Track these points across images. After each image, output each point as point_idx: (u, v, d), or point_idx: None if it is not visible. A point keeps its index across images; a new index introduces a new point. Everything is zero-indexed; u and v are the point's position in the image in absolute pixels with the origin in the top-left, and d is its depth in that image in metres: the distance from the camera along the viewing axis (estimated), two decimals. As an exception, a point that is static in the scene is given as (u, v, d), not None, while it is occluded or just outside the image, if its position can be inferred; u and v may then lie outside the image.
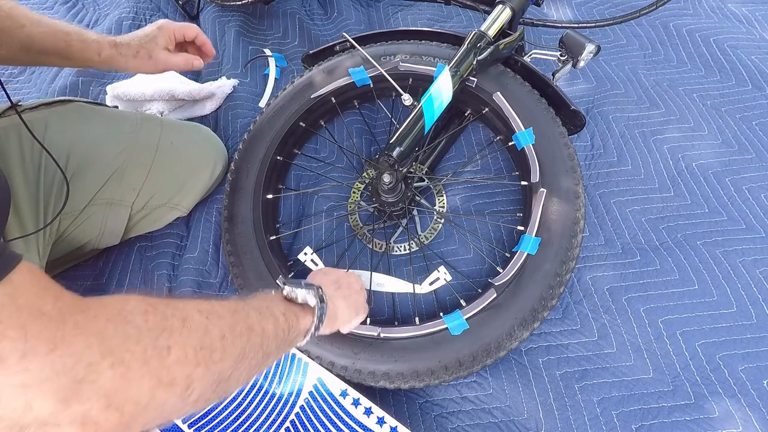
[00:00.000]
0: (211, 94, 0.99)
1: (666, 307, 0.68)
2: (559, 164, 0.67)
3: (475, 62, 0.68)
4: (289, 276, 0.72)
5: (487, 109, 0.75)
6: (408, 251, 0.78)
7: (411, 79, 0.78)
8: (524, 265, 0.63)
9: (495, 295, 0.63)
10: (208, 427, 0.65)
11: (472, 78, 0.72)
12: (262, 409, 0.65)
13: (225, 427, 0.64)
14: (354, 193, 0.85)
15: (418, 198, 0.80)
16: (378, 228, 0.80)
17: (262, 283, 0.70)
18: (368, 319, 0.67)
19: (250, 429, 0.64)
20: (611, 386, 0.64)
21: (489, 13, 0.70)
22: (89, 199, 0.72)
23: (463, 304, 0.64)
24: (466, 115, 0.81)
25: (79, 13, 1.31)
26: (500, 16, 0.69)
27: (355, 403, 0.63)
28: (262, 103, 1.00)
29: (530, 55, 0.76)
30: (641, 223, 0.76)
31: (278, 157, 0.81)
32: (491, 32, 0.68)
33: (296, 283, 0.51)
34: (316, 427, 0.62)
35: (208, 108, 1.00)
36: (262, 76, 1.05)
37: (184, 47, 0.75)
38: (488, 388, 0.66)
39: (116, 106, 0.89)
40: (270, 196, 0.79)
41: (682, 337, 0.66)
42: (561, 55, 0.70)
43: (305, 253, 0.78)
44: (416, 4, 1.12)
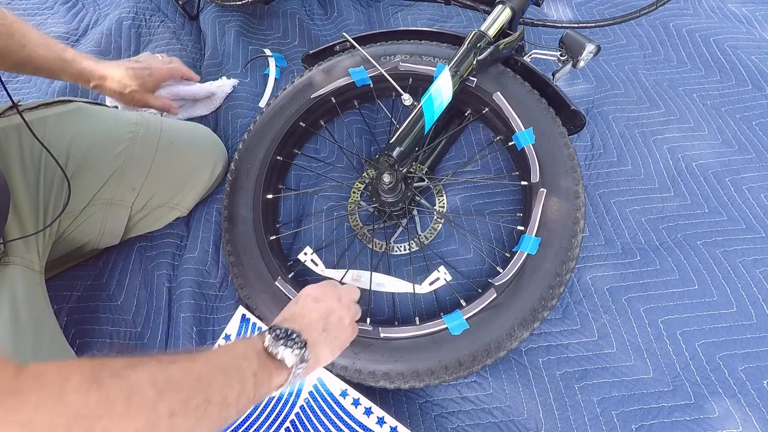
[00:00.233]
0: (211, 93, 0.98)
1: (666, 307, 0.68)
2: (559, 164, 0.67)
3: (475, 62, 0.68)
4: (289, 276, 0.72)
5: (487, 109, 0.75)
6: (408, 251, 0.78)
7: (411, 79, 0.78)
8: (524, 265, 0.63)
9: (495, 295, 0.63)
10: (208, 427, 0.65)
11: (472, 78, 0.72)
12: (262, 409, 0.65)
13: (225, 427, 0.64)
14: (354, 193, 0.85)
15: (418, 198, 0.80)
16: (378, 228, 0.80)
17: (262, 283, 0.70)
18: (368, 319, 0.67)
19: (250, 429, 0.64)
20: (611, 386, 0.64)
21: (489, 13, 0.70)
22: (89, 199, 0.72)
23: (463, 304, 0.64)
24: (466, 115, 0.81)
25: (79, 13, 1.31)
26: (500, 16, 0.69)
27: (355, 403, 0.63)
28: (262, 103, 1.00)
29: (530, 55, 0.76)
30: (641, 223, 0.76)
31: (278, 157, 0.81)
32: (491, 32, 0.68)
33: (280, 335, 0.48)
34: (316, 427, 0.62)
35: (208, 108, 1.00)
36: (262, 76, 1.05)
37: None
38: (488, 388, 0.66)
39: (116, 107, 0.89)
40: (270, 196, 0.79)
41: (682, 337, 0.66)
42: (561, 55, 0.70)
43: (305, 253, 0.78)
44: (416, 4, 1.12)
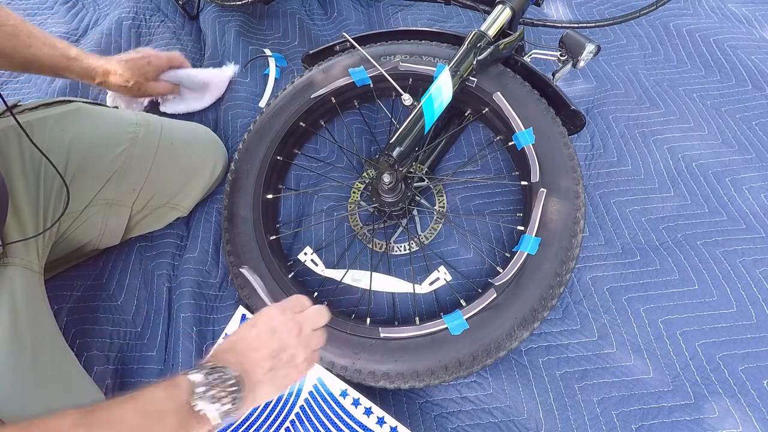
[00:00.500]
0: (210, 78, 0.95)
1: (666, 307, 0.68)
2: (559, 164, 0.67)
3: (475, 62, 0.68)
4: (290, 276, 0.72)
5: (487, 109, 0.75)
6: (408, 251, 0.78)
7: (411, 79, 0.78)
8: (524, 265, 0.63)
9: (495, 295, 0.63)
10: (208, 427, 0.65)
11: (472, 78, 0.72)
12: (262, 409, 0.65)
13: (225, 427, 0.64)
14: (354, 193, 0.85)
15: (418, 198, 0.80)
16: (378, 228, 0.80)
17: (262, 283, 0.70)
18: (368, 319, 0.68)
19: (250, 429, 0.64)
20: (611, 386, 0.64)
21: (489, 13, 0.70)
22: (89, 200, 0.71)
23: (463, 304, 0.64)
24: (466, 115, 0.81)
25: (79, 13, 1.31)
26: (500, 16, 0.69)
27: (355, 403, 0.63)
28: (262, 103, 1.00)
29: (530, 55, 0.76)
30: (641, 223, 0.76)
31: (278, 157, 0.81)
32: (491, 32, 0.68)
33: (213, 382, 0.44)
34: (316, 427, 0.62)
35: (207, 100, 0.97)
36: (262, 76, 1.05)
37: None
38: (488, 388, 0.66)
39: (116, 107, 0.89)
40: (270, 196, 0.79)
41: (682, 337, 0.66)
42: (561, 55, 0.70)
43: (305, 253, 0.78)
44: (416, 4, 1.12)
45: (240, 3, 1.13)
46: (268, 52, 1.08)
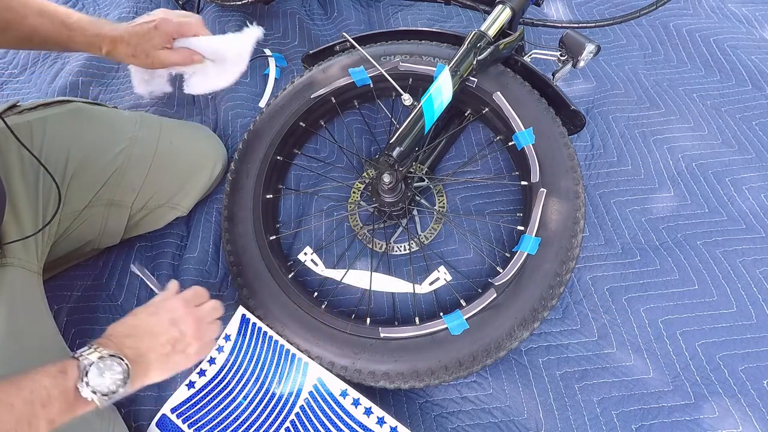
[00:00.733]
0: (225, 51, 0.75)
1: (666, 307, 0.68)
2: (559, 164, 0.67)
3: (475, 62, 0.68)
4: (290, 276, 0.72)
5: (487, 109, 0.75)
6: (408, 251, 0.78)
7: (411, 79, 0.78)
8: (524, 265, 0.63)
9: (495, 295, 0.63)
10: (208, 427, 0.65)
11: (472, 78, 0.72)
12: (262, 409, 0.65)
13: (225, 426, 0.64)
14: (354, 193, 0.85)
15: (418, 198, 0.80)
16: (378, 228, 0.80)
17: (261, 283, 0.70)
18: (368, 319, 0.68)
19: (250, 429, 0.64)
20: (611, 386, 0.64)
21: (489, 13, 0.70)
22: (89, 200, 0.72)
23: (463, 304, 0.64)
24: (466, 115, 0.81)
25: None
26: (500, 16, 0.69)
27: (355, 403, 0.63)
28: (262, 103, 1.00)
29: (530, 55, 0.76)
30: (641, 223, 0.76)
31: (278, 157, 0.81)
32: (491, 32, 0.68)
33: (102, 368, 0.46)
34: (316, 427, 0.62)
35: (231, 75, 0.77)
36: (262, 76, 1.05)
37: None
38: (488, 388, 0.66)
39: (115, 107, 0.89)
40: (270, 196, 0.79)
41: (682, 337, 0.66)
42: (561, 55, 0.70)
43: (305, 253, 0.78)
44: (416, 4, 1.12)
45: (240, 3, 1.14)
46: (268, 52, 1.08)
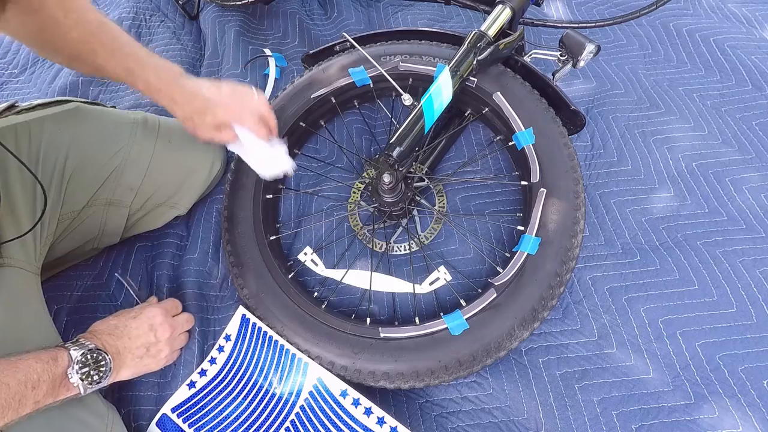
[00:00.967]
0: (260, 158, 0.74)
1: (666, 307, 0.68)
2: (559, 164, 0.67)
3: (475, 62, 0.68)
4: (290, 276, 0.72)
5: (487, 109, 0.75)
6: (408, 251, 0.78)
7: (411, 79, 0.78)
8: (524, 265, 0.63)
9: (495, 295, 0.63)
10: (208, 426, 0.65)
11: (472, 78, 0.72)
12: (263, 409, 0.65)
13: (225, 426, 0.64)
14: (354, 193, 0.85)
15: (418, 198, 0.80)
16: (378, 228, 0.80)
17: (261, 283, 0.70)
18: (368, 319, 0.68)
19: (250, 429, 0.64)
20: (611, 386, 0.64)
21: (489, 13, 0.70)
22: (88, 200, 0.71)
23: (463, 304, 0.64)
24: (466, 115, 0.81)
25: (79, 13, 1.31)
26: (500, 16, 0.69)
27: (355, 403, 0.63)
28: (262, 103, 1.00)
29: (530, 55, 0.76)
30: (641, 223, 0.76)
31: (278, 157, 0.81)
32: (491, 32, 0.68)
33: (88, 362, 0.54)
34: (316, 427, 0.63)
35: (260, 170, 0.74)
36: (262, 76, 1.05)
37: None
38: (488, 388, 0.66)
39: (114, 106, 0.89)
40: (270, 196, 0.79)
41: (682, 337, 0.66)
42: (561, 55, 0.70)
43: (305, 253, 0.78)
44: (416, 4, 1.12)
45: (240, 3, 1.14)
46: (268, 52, 1.08)
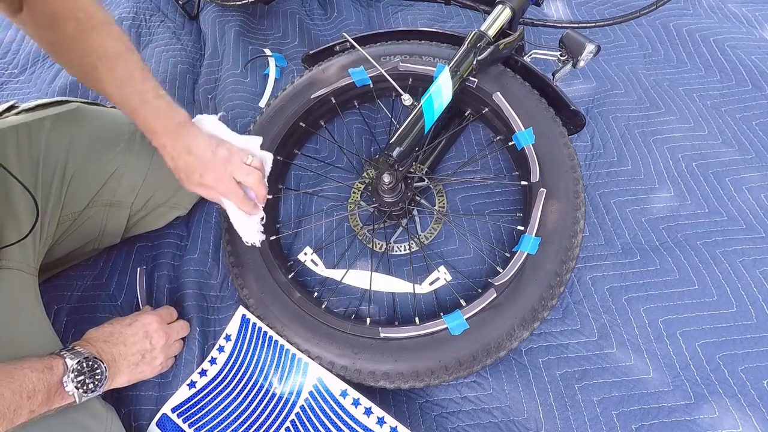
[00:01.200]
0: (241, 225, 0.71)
1: (666, 307, 0.68)
2: (559, 164, 0.67)
3: (475, 62, 0.68)
4: (290, 276, 0.72)
5: (487, 109, 0.75)
6: (408, 251, 0.78)
7: (411, 79, 0.78)
8: (524, 264, 0.63)
9: (495, 295, 0.63)
10: (209, 426, 0.65)
11: (472, 78, 0.72)
12: (263, 409, 0.65)
13: (225, 426, 0.64)
14: (354, 193, 0.85)
15: (418, 198, 0.80)
16: (378, 228, 0.80)
17: (261, 283, 0.70)
18: (368, 319, 0.68)
19: (250, 429, 0.64)
20: (611, 386, 0.64)
21: (489, 13, 0.70)
22: (88, 201, 0.71)
23: (463, 304, 0.64)
24: (466, 115, 0.81)
25: (79, 13, 1.31)
26: (500, 16, 0.69)
27: (355, 403, 0.63)
28: (262, 103, 1.00)
29: (530, 55, 0.76)
30: (641, 223, 0.76)
31: (278, 158, 0.80)
32: (491, 32, 0.68)
33: (84, 370, 0.53)
34: (317, 427, 0.63)
35: (242, 233, 0.71)
36: (262, 76, 1.05)
37: None
38: (488, 388, 0.66)
39: (114, 106, 0.89)
40: (270, 196, 0.79)
41: (682, 337, 0.66)
42: (561, 55, 0.70)
43: (305, 253, 0.78)
44: (416, 4, 1.12)
45: (240, 3, 1.14)
46: (268, 52, 1.08)
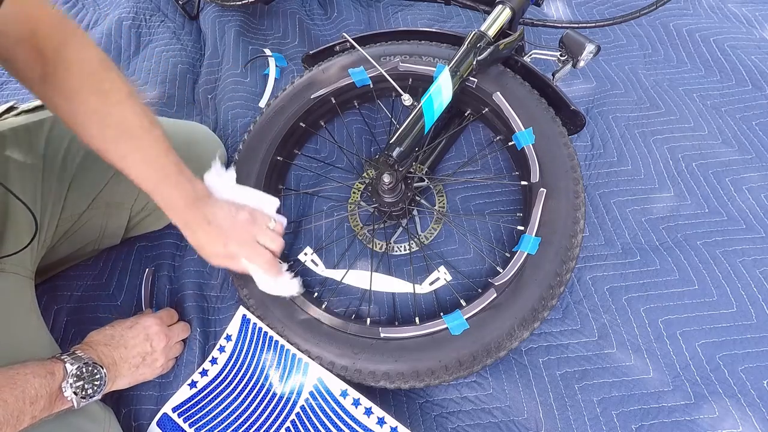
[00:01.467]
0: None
1: (666, 307, 0.68)
2: (559, 164, 0.67)
3: (475, 62, 0.68)
4: (293, 275, 0.72)
5: (487, 109, 0.75)
6: (408, 251, 0.78)
7: (411, 79, 0.78)
8: (524, 264, 0.63)
9: (495, 295, 0.63)
10: (209, 426, 0.65)
11: (472, 78, 0.72)
12: (263, 409, 0.65)
13: (226, 426, 0.64)
14: (354, 193, 0.85)
15: (418, 198, 0.80)
16: (378, 228, 0.80)
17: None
18: (368, 319, 0.68)
19: (250, 429, 0.64)
20: (611, 386, 0.64)
21: (489, 13, 0.70)
22: (88, 203, 0.71)
23: (463, 304, 0.64)
24: (466, 115, 0.81)
25: (79, 13, 1.31)
26: (500, 16, 0.69)
27: (356, 403, 0.63)
28: (262, 103, 1.00)
29: (530, 55, 0.76)
30: (641, 223, 0.76)
31: (278, 158, 0.81)
32: (491, 32, 0.68)
33: (83, 375, 0.53)
34: (317, 427, 0.63)
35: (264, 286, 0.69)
36: (262, 76, 1.05)
37: None
38: (488, 388, 0.66)
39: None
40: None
41: (682, 337, 0.66)
42: (561, 55, 0.70)
43: (305, 253, 0.78)
44: (416, 4, 1.12)
45: (240, 3, 1.14)
46: (268, 52, 1.08)
